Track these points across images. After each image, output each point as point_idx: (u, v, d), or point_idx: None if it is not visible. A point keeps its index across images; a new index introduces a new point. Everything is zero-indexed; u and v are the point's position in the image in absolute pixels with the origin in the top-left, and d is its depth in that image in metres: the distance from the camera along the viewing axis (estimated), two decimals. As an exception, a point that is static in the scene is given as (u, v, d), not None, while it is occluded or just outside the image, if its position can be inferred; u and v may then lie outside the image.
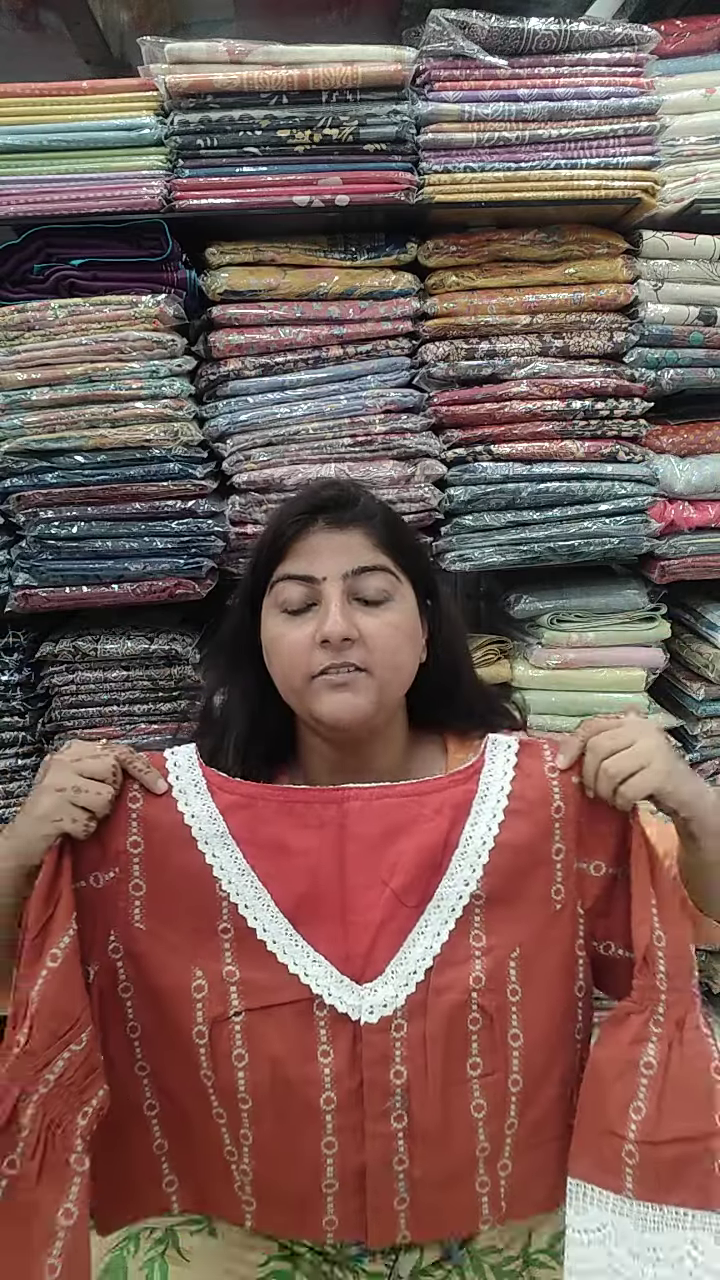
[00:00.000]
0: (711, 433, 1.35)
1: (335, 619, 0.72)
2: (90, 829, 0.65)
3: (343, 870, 0.68)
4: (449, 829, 0.68)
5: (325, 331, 1.24)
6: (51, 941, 0.61)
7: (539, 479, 1.29)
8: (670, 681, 1.47)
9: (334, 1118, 0.65)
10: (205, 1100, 0.66)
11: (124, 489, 1.24)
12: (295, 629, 0.75)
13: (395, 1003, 0.65)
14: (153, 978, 0.66)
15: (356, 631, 0.73)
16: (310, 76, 1.12)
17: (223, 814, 0.69)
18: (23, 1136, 0.56)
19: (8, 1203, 0.55)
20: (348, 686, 0.73)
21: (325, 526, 0.76)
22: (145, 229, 1.17)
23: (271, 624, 0.77)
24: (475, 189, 1.19)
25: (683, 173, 1.27)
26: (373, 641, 0.74)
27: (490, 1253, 0.76)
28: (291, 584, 0.76)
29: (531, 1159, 0.68)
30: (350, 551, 0.76)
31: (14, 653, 1.33)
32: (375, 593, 0.76)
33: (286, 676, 0.76)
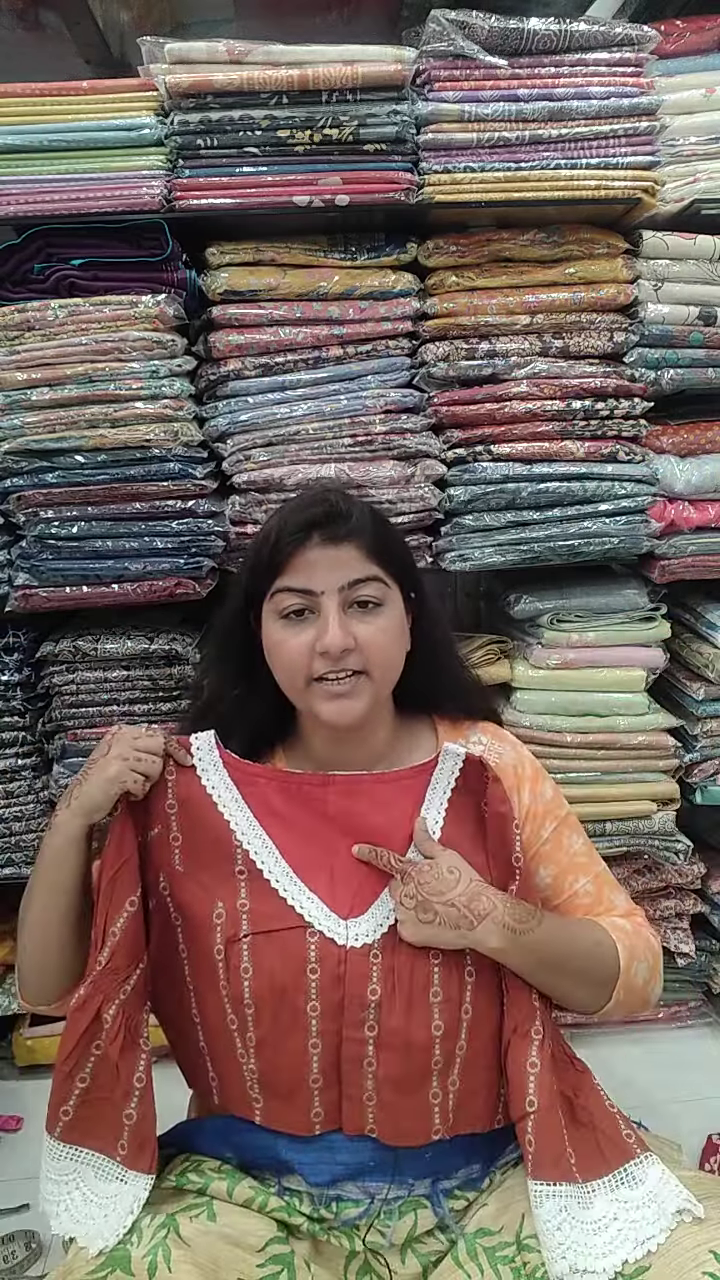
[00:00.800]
0: (711, 433, 1.35)
1: (334, 632, 0.79)
2: (144, 791, 0.81)
3: (330, 837, 0.83)
4: (411, 811, 0.84)
5: (325, 331, 1.25)
6: (129, 891, 0.79)
7: (539, 479, 1.30)
8: (670, 681, 1.47)
9: (318, 1023, 0.77)
10: (223, 1008, 0.80)
11: (124, 489, 1.25)
12: (295, 635, 0.81)
13: (374, 935, 0.78)
14: (190, 909, 0.82)
15: (353, 640, 0.80)
16: (310, 76, 1.12)
17: (236, 785, 0.84)
18: (106, 1028, 0.76)
19: (99, 1070, 0.76)
20: (347, 695, 0.81)
21: (320, 542, 0.81)
22: (145, 229, 1.17)
23: (272, 629, 0.83)
24: (475, 189, 1.19)
25: (683, 173, 1.27)
26: (368, 646, 0.81)
27: (483, 1234, 0.77)
28: (290, 595, 0.82)
29: (473, 1079, 0.80)
30: (345, 565, 0.82)
31: (14, 653, 1.34)
32: (369, 600, 0.83)
33: (289, 678, 0.83)
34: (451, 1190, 0.81)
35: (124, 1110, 0.76)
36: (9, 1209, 1.30)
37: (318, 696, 0.81)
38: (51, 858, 0.81)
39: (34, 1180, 0.84)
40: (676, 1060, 1.55)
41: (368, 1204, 0.79)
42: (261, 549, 0.84)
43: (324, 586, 0.80)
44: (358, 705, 0.81)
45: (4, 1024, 1.62)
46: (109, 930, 0.77)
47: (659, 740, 1.42)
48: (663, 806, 1.45)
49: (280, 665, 0.83)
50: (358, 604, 0.82)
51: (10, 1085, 1.57)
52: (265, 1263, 0.73)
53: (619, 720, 1.41)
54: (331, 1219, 0.79)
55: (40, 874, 0.82)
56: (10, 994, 1.56)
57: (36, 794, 1.41)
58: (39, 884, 0.82)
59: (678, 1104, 1.46)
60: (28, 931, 0.83)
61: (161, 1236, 0.70)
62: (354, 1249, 0.78)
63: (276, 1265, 0.74)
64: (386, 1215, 0.79)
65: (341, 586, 0.81)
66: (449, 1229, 0.79)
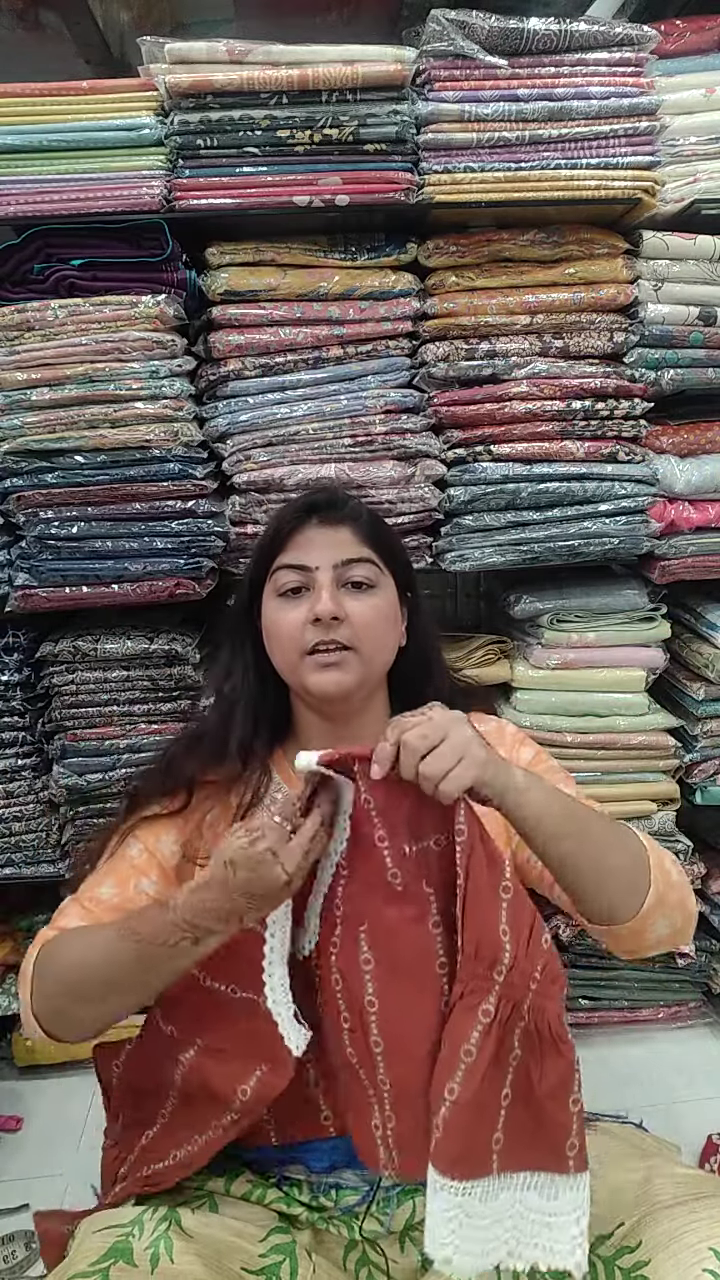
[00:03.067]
0: (711, 433, 1.35)
1: (325, 600, 0.83)
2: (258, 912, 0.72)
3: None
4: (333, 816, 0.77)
5: (325, 332, 1.24)
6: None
7: (539, 479, 1.30)
8: (670, 681, 1.47)
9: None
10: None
11: (124, 489, 1.25)
12: (290, 611, 0.85)
13: (313, 943, 0.75)
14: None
15: (344, 612, 0.83)
16: (310, 76, 1.12)
17: None
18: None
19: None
20: (336, 665, 0.84)
21: (319, 523, 0.87)
22: (145, 229, 1.17)
23: (270, 607, 0.88)
24: (475, 189, 1.19)
25: (683, 173, 1.27)
26: (358, 621, 0.84)
27: None
28: (288, 572, 0.86)
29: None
30: (340, 545, 0.86)
31: (14, 653, 1.33)
32: (361, 579, 0.86)
33: (283, 653, 0.86)
34: None
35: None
36: (9, 1209, 1.30)
37: (308, 667, 0.84)
38: (161, 963, 0.71)
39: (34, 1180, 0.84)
40: (676, 1060, 1.55)
41: (366, 1191, 0.79)
42: (265, 533, 0.90)
43: (319, 562, 0.85)
44: (346, 677, 0.84)
45: (4, 1024, 1.62)
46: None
47: (659, 740, 1.42)
48: (663, 807, 1.45)
49: (276, 641, 0.86)
50: (352, 584, 0.86)
51: (10, 1085, 1.57)
52: (267, 1252, 0.74)
53: (619, 720, 1.41)
54: (331, 1207, 0.79)
55: (134, 967, 0.72)
56: (10, 994, 1.56)
57: (36, 794, 1.41)
58: (131, 970, 0.73)
59: (678, 1104, 1.46)
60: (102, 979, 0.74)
61: (164, 1229, 0.70)
62: (353, 1238, 0.78)
63: (279, 1255, 0.74)
64: (385, 1202, 0.80)
65: (336, 564, 0.85)
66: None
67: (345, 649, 0.84)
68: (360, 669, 0.85)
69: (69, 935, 0.79)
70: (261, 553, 0.90)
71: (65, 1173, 1.37)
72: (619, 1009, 1.60)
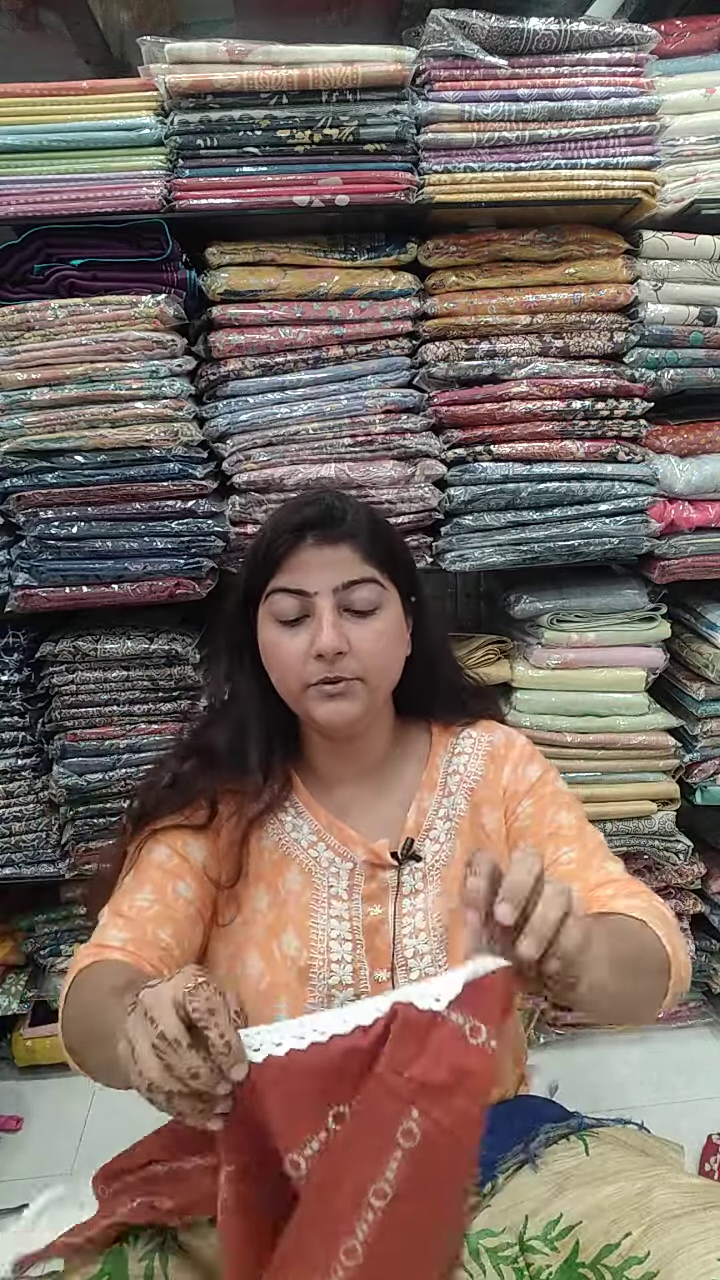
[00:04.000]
0: (711, 433, 1.35)
1: (329, 634, 0.77)
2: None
3: None
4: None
5: (325, 331, 1.24)
6: None
7: (539, 479, 1.30)
8: (670, 681, 1.47)
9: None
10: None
11: (124, 489, 1.25)
12: (290, 639, 0.80)
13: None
14: None
15: (348, 644, 0.79)
16: (310, 76, 1.12)
17: None
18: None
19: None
20: (342, 695, 0.80)
21: (315, 542, 0.80)
22: (145, 229, 1.17)
23: (267, 632, 0.82)
24: (475, 189, 1.19)
25: (683, 173, 1.27)
26: (363, 652, 0.80)
27: (485, 1235, 0.76)
28: (286, 597, 0.80)
29: None
30: (339, 566, 0.80)
31: (14, 653, 1.33)
32: (364, 604, 0.81)
33: (284, 682, 0.82)
34: None
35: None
36: (9, 1209, 1.30)
37: (313, 700, 0.80)
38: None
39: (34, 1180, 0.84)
40: (676, 1060, 1.56)
41: None
42: (257, 549, 0.83)
43: (318, 587, 0.79)
44: (353, 708, 0.80)
45: (4, 1024, 1.62)
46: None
47: (659, 740, 1.42)
48: (663, 807, 1.45)
49: (275, 668, 0.82)
50: (354, 611, 0.80)
51: (10, 1085, 1.58)
52: None
53: (619, 720, 1.41)
54: None
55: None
56: (10, 994, 1.56)
57: (36, 794, 1.41)
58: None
59: (678, 1104, 1.46)
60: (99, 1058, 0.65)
61: (158, 1243, 0.70)
62: None
63: None
64: None
65: (336, 588, 0.80)
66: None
67: (352, 679, 0.80)
68: (367, 698, 0.81)
69: (100, 970, 0.72)
70: (255, 569, 0.83)
71: (65, 1173, 1.37)
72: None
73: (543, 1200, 0.76)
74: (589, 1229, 0.70)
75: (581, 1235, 0.70)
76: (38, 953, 1.57)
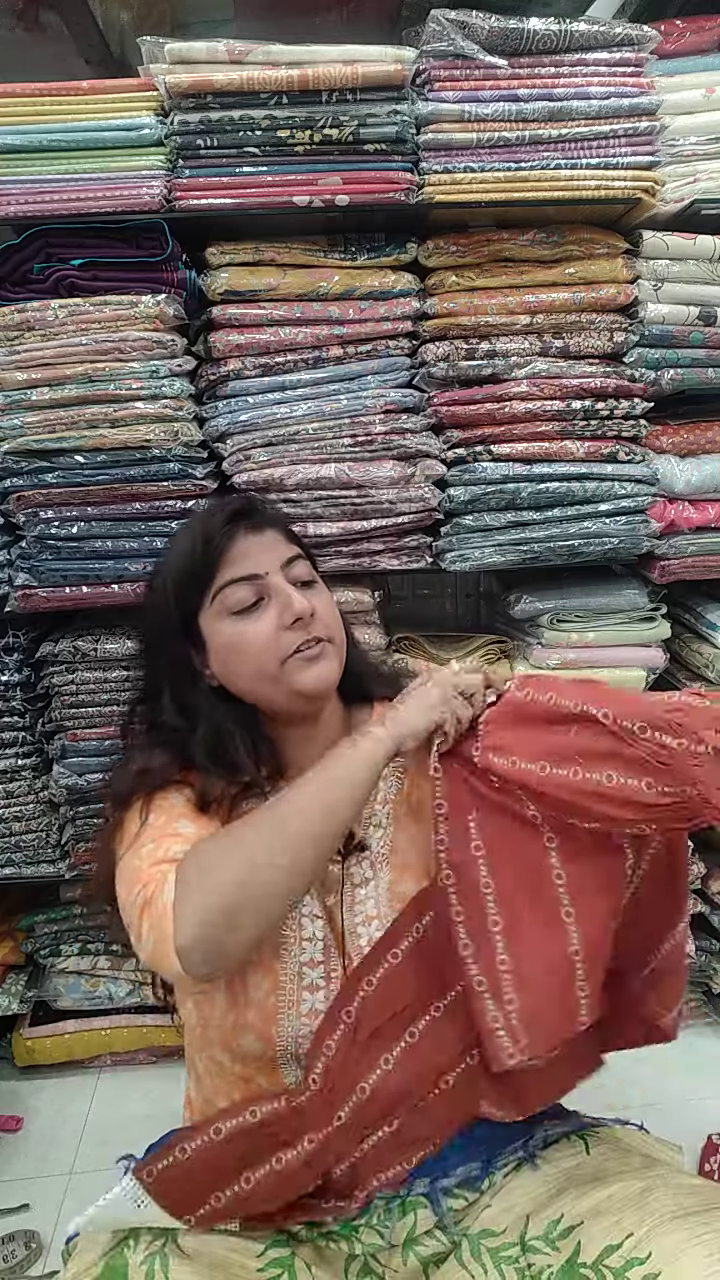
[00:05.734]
0: (711, 433, 1.35)
1: (299, 599, 0.82)
2: (458, 732, 0.80)
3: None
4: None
5: (325, 331, 1.24)
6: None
7: (539, 479, 1.30)
8: (670, 681, 1.47)
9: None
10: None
11: (124, 489, 1.25)
12: (253, 624, 0.82)
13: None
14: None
15: (311, 608, 0.82)
16: (310, 76, 1.12)
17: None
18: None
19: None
20: (321, 656, 0.83)
21: (247, 531, 0.84)
22: (145, 229, 1.17)
23: (224, 628, 0.83)
24: (475, 189, 1.19)
25: (683, 173, 1.27)
26: (322, 615, 0.84)
27: (487, 1235, 0.76)
28: (240, 587, 0.82)
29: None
30: (275, 547, 0.85)
31: (14, 653, 1.34)
32: (306, 575, 0.87)
33: (259, 667, 0.82)
34: (450, 1189, 0.80)
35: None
36: (9, 1209, 1.30)
37: (295, 669, 0.82)
38: (347, 775, 0.74)
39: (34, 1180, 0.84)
40: (676, 1060, 1.55)
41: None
42: (191, 558, 0.84)
43: (267, 568, 0.83)
44: (332, 667, 0.84)
45: (4, 1024, 1.62)
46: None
47: (659, 740, 1.41)
48: (663, 806, 1.45)
49: (246, 657, 0.82)
50: (300, 583, 0.85)
51: (10, 1085, 1.58)
52: (265, 1266, 0.73)
53: (619, 720, 1.41)
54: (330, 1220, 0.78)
55: (315, 793, 0.73)
56: (10, 994, 1.56)
57: (36, 794, 1.41)
58: (311, 804, 0.73)
59: (678, 1104, 1.46)
60: (269, 846, 0.70)
61: (159, 1245, 0.70)
62: (353, 1252, 0.77)
63: (277, 1268, 0.73)
64: (386, 1214, 0.78)
65: (281, 565, 0.84)
66: (448, 1229, 0.79)
67: (321, 640, 0.83)
68: (338, 657, 0.85)
69: (211, 837, 0.74)
70: (193, 577, 0.83)
71: (65, 1173, 1.37)
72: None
73: (543, 1200, 0.77)
74: (590, 1229, 0.71)
75: (583, 1235, 0.71)
76: (38, 953, 1.57)
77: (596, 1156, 0.80)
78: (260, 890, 0.68)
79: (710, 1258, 0.64)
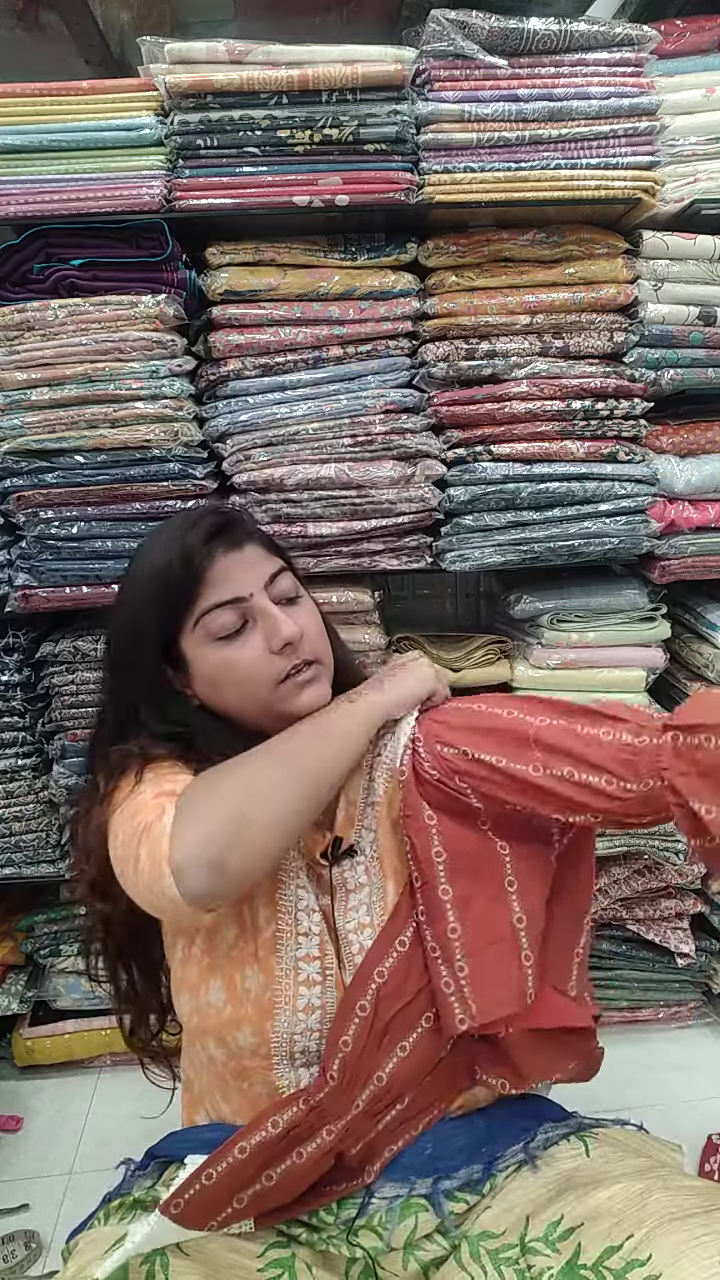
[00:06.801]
0: (711, 433, 1.35)
1: (288, 623, 0.79)
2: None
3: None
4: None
5: (325, 332, 1.24)
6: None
7: (539, 479, 1.30)
8: (670, 681, 1.48)
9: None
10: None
11: (124, 489, 1.25)
12: (240, 649, 0.80)
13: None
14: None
15: (300, 630, 0.81)
16: (310, 76, 1.12)
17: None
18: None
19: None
20: (314, 680, 0.82)
21: (226, 549, 0.80)
22: (145, 229, 1.17)
23: (209, 655, 0.80)
24: (475, 189, 1.19)
25: (683, 173, 1.27)
26: (309, 634, 0.83)
27: (486, 1237, 0.76)
28: (224, 611, 0.79)
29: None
30: (256, 565, 0.82)
31: (14, 653, 1.34)
32: (290, 590, 0.84)
33: (250, 692, 0.81)
34: (452, 1191, 0.80)
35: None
36: (9, 1209, 1.30)
37: (288, 694, 0.80)
38: (344, 729, 0.78)
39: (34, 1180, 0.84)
40: (676, 1060, 1.56)
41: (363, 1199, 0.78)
42: (165, 583, 0.79)
43: (251, 589, 0.80)
44: (325, 688, 0.83)
45: (4, 1024, 1.62)
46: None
47: (659, 740, 1.41)
48: (663, 806, 1.45)
49: (235, 684, 0.80)
50: (285, 600, 0.83)
51: (10, 1085, 1.58)
52: (266, 1266, 0.73)
53: (619, 720, 1.41)
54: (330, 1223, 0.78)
55: (317, 735, 0.77)
56: (10, 994, 1.56)
57: (36, 794, 1.41)
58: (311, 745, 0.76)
59: (678, 1104, 1.46)
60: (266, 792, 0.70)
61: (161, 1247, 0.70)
62: (353, 1256, 0.77)
63: (278, 1269, 0.73)
64: (388, 1215, 0.78)
65: (265, 583, 0.82)
66: (449, 1232, 0.78)
67: (312, 663, 0.82)
68: (328, 676, 0.84)
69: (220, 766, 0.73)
70: (170, 603, 0.79)
71: (65, 1173, 1.37)
72: (619, 1009, 1.60)
73: (543, 1201, 0.76)
74: (590, 1231, 0.70)
75: (583, 1237, 0.70)
76: (38, 953, 1.58)
77: (597, 1158, 0.80)
78: (261, 813, 0.68)
79: (711, 1260, 0.64)
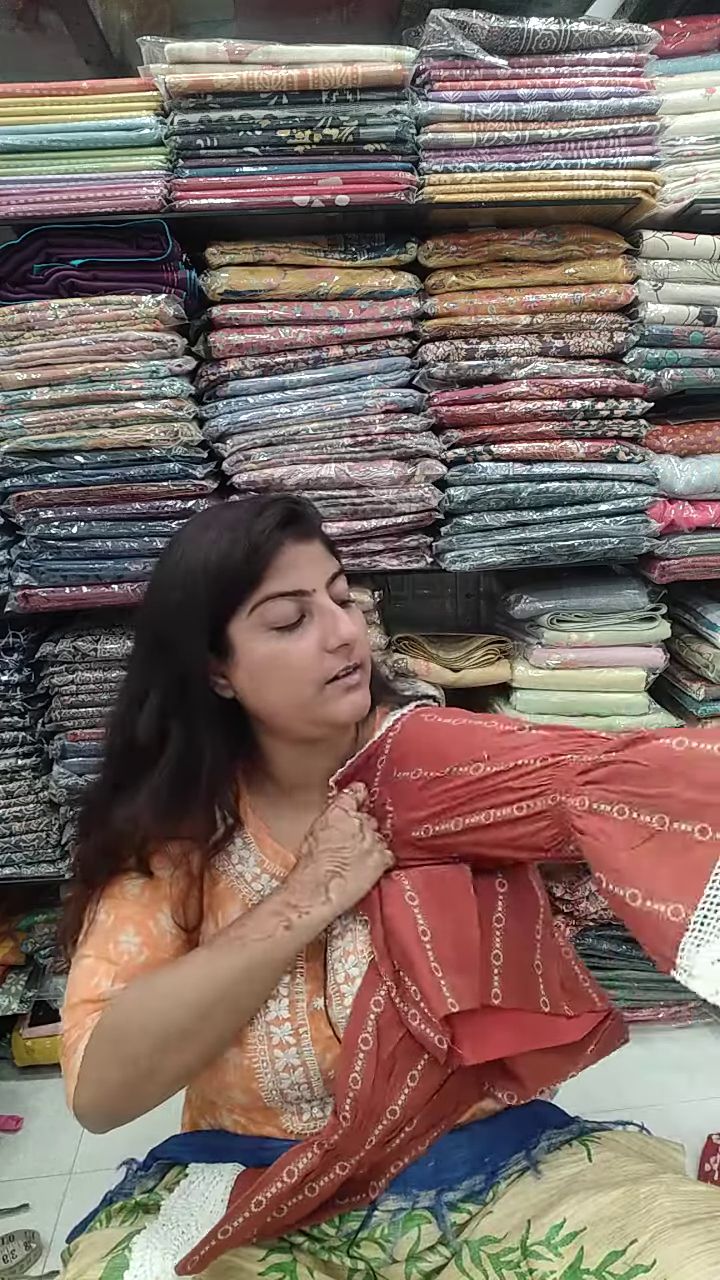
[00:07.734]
0: (711, 433, 1.35)
1: (347, 623, 0.77)
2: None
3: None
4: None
5: (325, 332, 1.24)
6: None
7: (539, 479, 1.30)
8: (670, 681, 1.47)
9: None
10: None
11: (124, 489, 1.25)
12: (294, 642, 0.76)
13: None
14: None
15: (355, 633, 0.78)
16: (310, 76, 1.12)
17: None
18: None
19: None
20: (359, 686, 0.79)
21: (295, 540, 0.77)
22: (145, 229, 1.17)
23: (262, 644, 0.76)
24: (475, 189, 1.19)
25: (683, 173, 1.27)
26: (359, 640, 0.80)
27: (487, 1242, 0.75)
28: (284, 602, 0.76)
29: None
30: (319, 561, 0.79)
31: (14, 653, 1.34)
32: (345, 594, 0.81)
33: (296, 689, 0.77)
34: (455, 1203, 0.79)
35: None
36: (9, 1209, 1.30)
37: (332, 697, 0.77)
38: (277, 962, 0.75)
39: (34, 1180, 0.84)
40: (676, 1060, 1.56)
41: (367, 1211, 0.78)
42: (230, 563, 0.75)
43: (314, 584, 0.77)
44: (366, 696, 0.80)
45: (4, 1024, 1.62)
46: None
47: (659, 740, 1.41)
48: (663, 806, 1.45)
49: (284, 677, 0.77)
50: (339, 603, 0.80)
51: (10, 1085, 1.58)
52: (267, 1271, 0.73)
53: (619, 720, 1.41)
54: (333, 1235, 0.78)
55: (240, 989, 0.74)
56: (10, 994, 1.56)
57: (36, 794, 1.41)
58: (226, 1000, 0.73)
59: (678, 1104, 1.46)
60: (179, 1033, 0.71)
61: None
62: (355, 1267, 0.77)
63: (278, 1273, 0.73)
64: (392, 1227, 0.77)
65: (326, 582, 0.79)
66: (450, 1244, 0.78)
67: (359, 669, 0.80)
68: (367, 684, 0.81)
69: (136, 990, 0.74)
70: (232, 584, 0.76)
71: (65, 1173, 1.37)
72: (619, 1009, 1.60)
73: (545, 1205, 0.76)
74: (593, 1235, 0.70)
75: (586, 1241, 0.70)
76: (38, 953, 1.58)
77: (599, 1163, 0.80)
78: (168, 1065, 0.72)
79: (715, 1267, 0.63)
